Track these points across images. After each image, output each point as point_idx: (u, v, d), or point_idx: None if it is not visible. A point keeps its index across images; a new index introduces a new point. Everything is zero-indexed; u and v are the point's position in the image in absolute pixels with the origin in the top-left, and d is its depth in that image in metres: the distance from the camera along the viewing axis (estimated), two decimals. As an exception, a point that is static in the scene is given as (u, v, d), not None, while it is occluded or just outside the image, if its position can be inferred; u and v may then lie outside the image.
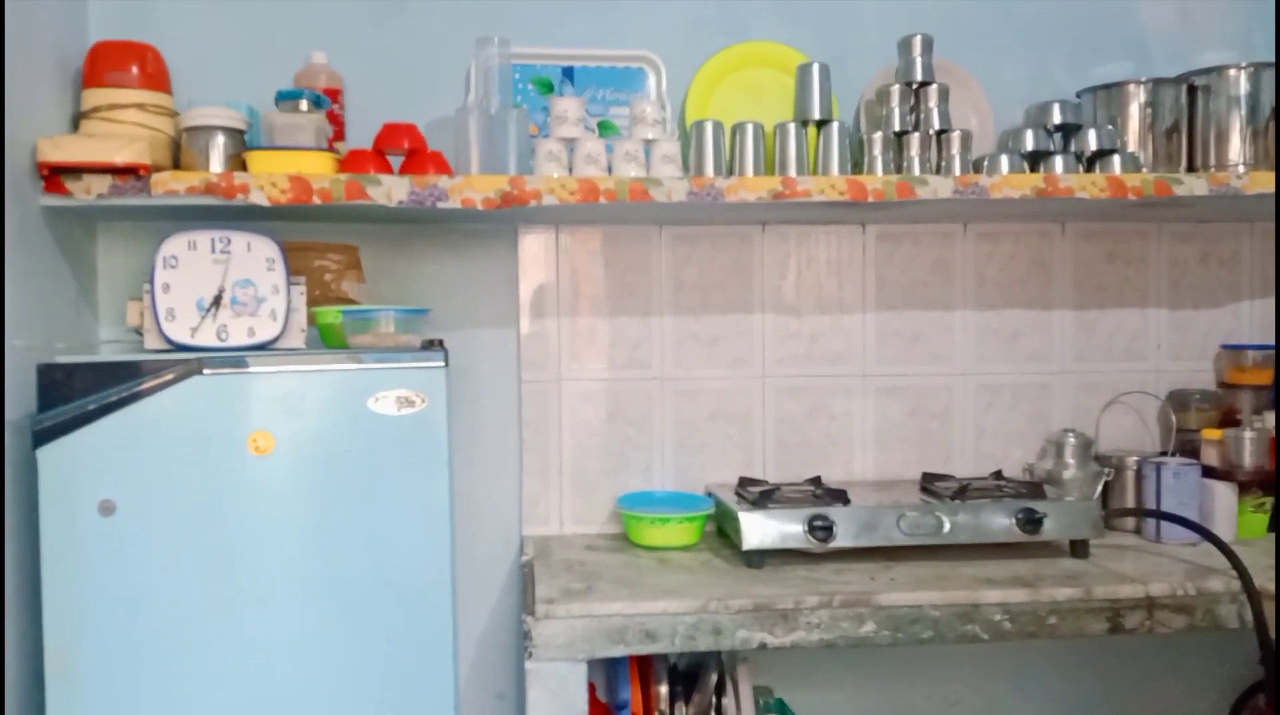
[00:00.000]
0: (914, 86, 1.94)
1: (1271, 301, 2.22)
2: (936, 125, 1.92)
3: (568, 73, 2.04)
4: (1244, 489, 1.97)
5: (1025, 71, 2.15)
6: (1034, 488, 1.93)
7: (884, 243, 2.14)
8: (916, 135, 1.90)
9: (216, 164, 1.73)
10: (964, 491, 1.90)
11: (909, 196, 1.81)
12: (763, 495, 1.90)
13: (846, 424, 2.15)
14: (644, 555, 1.90)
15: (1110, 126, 1.97)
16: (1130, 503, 2.05)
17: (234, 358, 1.56)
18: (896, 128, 1.91)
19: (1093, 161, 1.95)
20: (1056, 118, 1.97)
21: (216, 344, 1.62)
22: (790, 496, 1.92)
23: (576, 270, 2.07)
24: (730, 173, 1.88)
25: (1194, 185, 1.85)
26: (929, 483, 2.04)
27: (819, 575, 1.75)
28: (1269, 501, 1.99)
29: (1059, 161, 1.92)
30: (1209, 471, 1.99)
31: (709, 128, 1.86)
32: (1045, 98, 2.10)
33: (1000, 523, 1.84)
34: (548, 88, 2.03)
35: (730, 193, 1.79)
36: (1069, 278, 2.18)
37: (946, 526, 1.83)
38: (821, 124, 1.89)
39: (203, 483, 1.52)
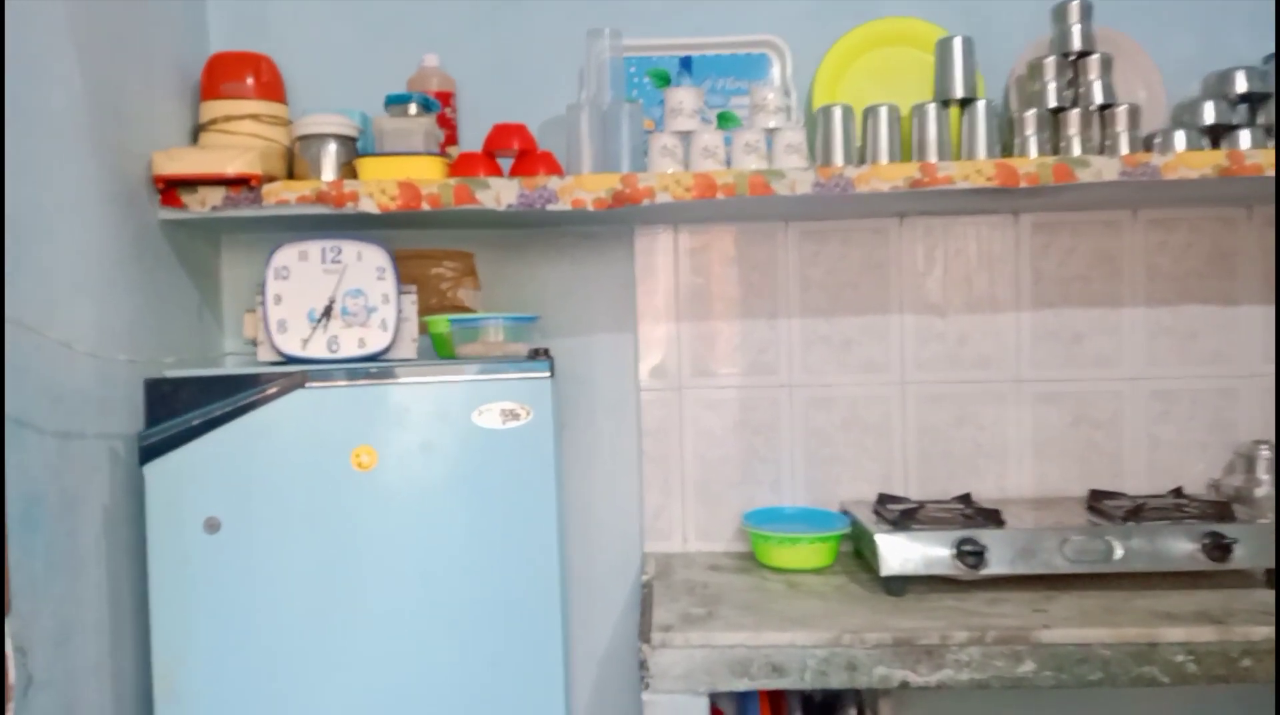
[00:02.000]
0: (1071, 58, 1.74)
1: None
2: (1099, 99, 1.71)
3: (685, 63, 1.93)
4: None
5: (1198, 38, 1.90)
6: (1221, 508, 1.69)
7: (1040, 233, 1.93)
8: (1076, 112, 1.70)
9: (329, 172, 1.69)
10: (1138, 512, 1.68)
11: (1068, 180, 1.61)
12: (904, 514, 1.73)
13: (999, 435, 1.95)
14: (772, 577, 1.76)
15: (1308, 92, 1.71)
16: (1337, 524, 1.78)
17: (337, 371, 1.51)
18: (1052, 104, 1.71)
19: (1284, 134, 1.70)
20: (1240, 86, 1.73)
21: (327, 356, 1.58)
22: (936, 516, 1.74)
23: (697, 271, 1.95)
24: (862, 161, 1.72)
25: None
26: (1097, 501, 1.83)
27: (969, 606, 1.57)
28: None
29: (1245, 136, 1.68)
30: None
31: (837, 112, 1.71)
32: (1223, 66, 1.86)
33: (1182, 548, 1.62)
34: (665, 80, 1.92)
35: (861, 183, 1.64)
36: (1255, 268, 1.92)
37: (1118, 552, 1.62)
38: (965, 103, 1.71)
39: (306, 499, 1.47)
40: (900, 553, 1.63)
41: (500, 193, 1.65)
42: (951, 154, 1.71)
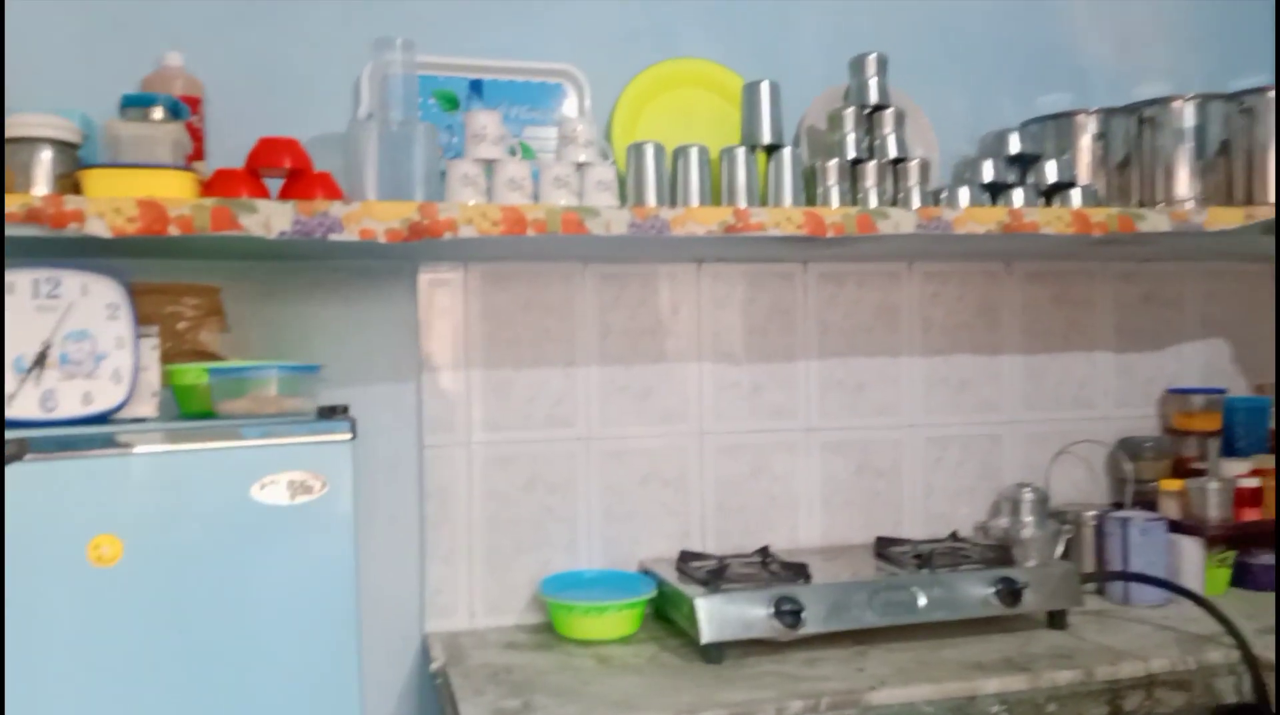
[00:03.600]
0: (867, 111, 1.76)
1: (1214, 343, 2.14)
2: (893, 153, 1.73)
3: (475, 87, 1.76)
4: (1209, 543, 1.85)
5: (968, 101, 2.01)
6: (1002, 552, 1.76)
7: (827, 283, 1.94)
8: (873, 164, 1.71)
9: (42, 185, 1.36)
10: (928, 559, 1.70)
11: (870, 231, 1.61)
12: (712, 574, 1.64)
13: (790, 485, 1.92)
14: (578, 652, 1.61)
15: (1066, 157, 1.83)
16: (1090, 561, 1.91)
17: (68, 437, 1.18)
18: (852, 155, 1.72)
19: (1049, 195, 1.81)
20: (1014, 147, 1.82)
21: (40, 416, 1.24)
22: (743, 573, 1.67)
23: (488, 314, 1.77)
24: (672, 202, 1.64)
25: (1157, 222, 1.72)
26: (884, 549, 1.84)
27: (789, 669, 1.51)
28: (1231, 556, 1.88)
29: (1018, 194, 1.77)
30: (1172, 526, 1.86)
31: (649, 150, 1.61)
32: (989, 129, 1.98)
33: (977, 595, 1.65)
34: (453, 103, 1.74)
35: (677, 225, 1.54)
36: (1016, 320, 2.04)
37: (922, 601, 1.63)
38: (771, 149, 1.68)
39: (29, 604, 1.13)
40: (719, 617, 1.54)
41: (271, 218, 1.39)
42: (758, 200, 1.67)
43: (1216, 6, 2.13)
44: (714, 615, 1.54)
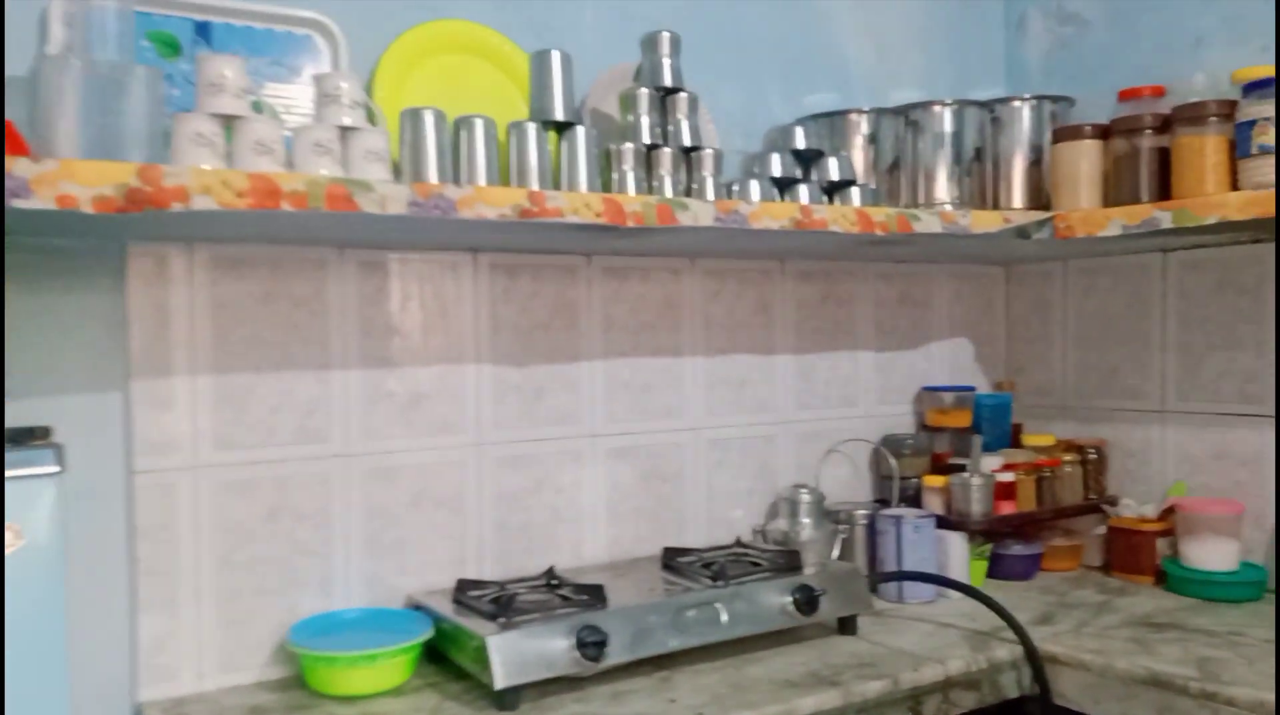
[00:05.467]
0: (661, 94, 1.63)
1: (959, 342, 2.23)
2: (687, 140, 1.62)
3: (202, 30, 1.44)
4: (971, 537, 1.91)
5: (742, 94, 1.94)
6: (791, 557, 1.70)
7: (611, 278, 1.79)
8: (669, 151, 1.58)
9: None
10: (723, 570, 1.60)
11: (670, 222, 1.48)
12: (498, 604, 1.45)
13: (575, 497, 1.76)
14: (341, 711, 1.35)
15: (845, 155, 1.81)
16: (862, 560, 1.91)
17: None
18: (648, 140, 1.58)
19: (830, 193, 1.78)
20: (800, 142, 1.77)
21: None
22: (534, 601, 1.49)
23: (220, 307, 1.45)
24: (456, 180, 1.42)
25: (930, 223, 1.74)
26: (672, 560, 1.73)
27: (596, 707, 1.35)
28: (989, 548, 1.95)
29: (804, 191, 1.72)
30: (939, 522, 1.90)
31: (429, 119, 1.39)
32: (760, 123, 1.93)
33: (775, 605, 1.58)
34: (172, 48, 1.41)
35: (465, 206, 1.33)
36: (790, 320, 2.01)
37: (724, 618, 1.53)
38: (563, 128, 1.51)
39: None
40: (515, 655, 1.35)
41: (-76, 176, 1.03)
42: (551, 183, 1.49)
43: (959, 20, 2.22)
44: (509, 654, 1.34)
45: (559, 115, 1.50)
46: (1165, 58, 1.93)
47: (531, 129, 1.46)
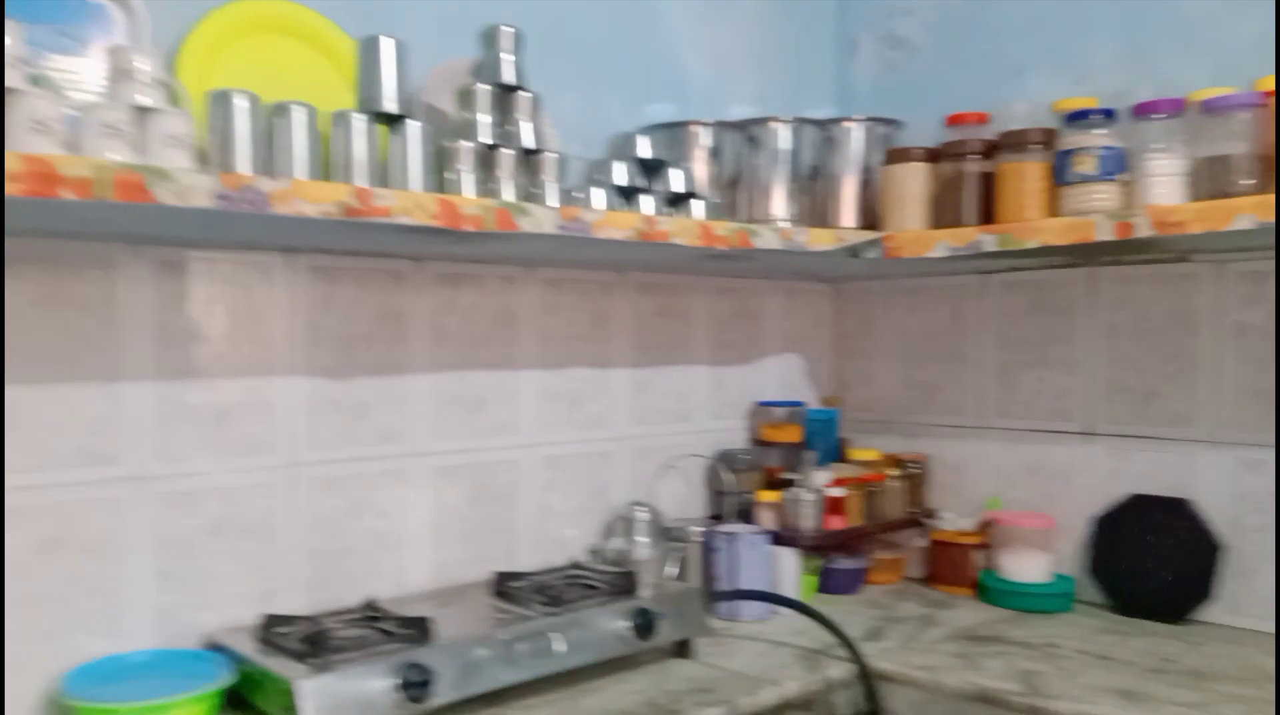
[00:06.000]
0: (499, 92, 1.54)
1: (789, 358, 2.25)
2: (529, 143, 1.53)
3: (-33, -15, 1.23)
4: (803, 552, 1.91)
5: (580, 99, 1.87)
6: (626, 579, 1.64)
7: (443, 285, 1.68)
8: (509, 152, 1.50)
9: None
10: (558, 596, 1.52)
11: (509, 228, 1.40)
12: (309, 641, 1.31)
13: (398, 521, 1.64)
14: (129, 772, 1.19)
15: (687, 166, 1.78)
16: (697, 578, 1.87)
17: None
18: (487, 139, 1.49)
19: (673, 204, 1.74)
20: (644, 151, 1.72)
21: None
22: (351, 637, 1.36)
23: (-15, 311, 1.26)
24: (270, 172, 1.28)
25: (770, 239, 1.73)
26: (503, 585, 1.64)
27: (423, 754, 1.24)
28: (820, 563, 1.97)
29: (647, 201, 1.67)
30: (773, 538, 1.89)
31: (242, 103, 1.25)
32: (599, 130, 1.87)
33: (611, 631, 1.52)
34: (-72, 3, 1.20)
35: (280, 201, 1.20)
36: (627, 333, 1.95)
37: (560, 647, 1.45)
38: (394, 120, 1.39)
39: None
40: (330, 700, 1.22)
41: None
42: (381, 180, 1.37)
43: (792, 40, 2.24)
44: (323, 699, 1.22)
45: (390, 107, 1.39)
46: (989, 85, 2.00)
47: (359, 120, 1.34)
